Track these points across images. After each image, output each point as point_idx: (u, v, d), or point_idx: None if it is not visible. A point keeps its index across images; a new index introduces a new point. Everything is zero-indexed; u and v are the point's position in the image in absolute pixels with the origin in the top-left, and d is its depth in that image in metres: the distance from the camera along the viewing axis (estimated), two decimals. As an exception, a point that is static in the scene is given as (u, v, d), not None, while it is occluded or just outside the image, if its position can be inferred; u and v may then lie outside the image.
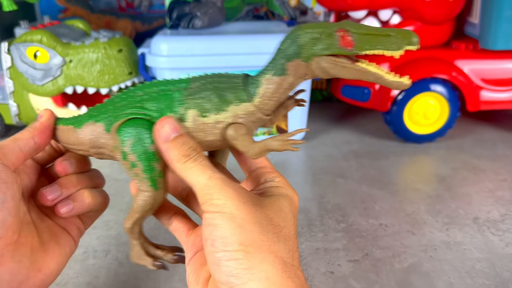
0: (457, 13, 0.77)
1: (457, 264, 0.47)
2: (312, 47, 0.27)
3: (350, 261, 0.48)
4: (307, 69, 0.28)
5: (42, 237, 0.32)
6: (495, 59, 0.76)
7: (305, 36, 0.27)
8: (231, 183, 0.28)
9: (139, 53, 0.77)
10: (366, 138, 0.84)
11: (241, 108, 0.29)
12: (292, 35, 0.28)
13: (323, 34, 0.27)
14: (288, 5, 1.05)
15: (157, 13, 1.07)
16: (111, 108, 0.31)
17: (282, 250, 0.26)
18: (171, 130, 0.29)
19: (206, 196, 0.27)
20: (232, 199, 0.26)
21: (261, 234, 0.26)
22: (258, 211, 0.27)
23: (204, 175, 0.27)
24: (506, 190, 0.63)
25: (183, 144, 0.29)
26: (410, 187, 0.65)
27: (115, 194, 0.63)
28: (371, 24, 0.76)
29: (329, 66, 0.27)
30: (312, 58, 0.28)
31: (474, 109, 0.77)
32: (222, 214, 0.26)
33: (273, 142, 0.29)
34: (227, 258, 0.25)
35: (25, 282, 0.29)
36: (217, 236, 0.26)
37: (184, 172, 0.28)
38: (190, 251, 0.32)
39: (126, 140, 0.30)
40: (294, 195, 0.31)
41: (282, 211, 0.29)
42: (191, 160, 0.28)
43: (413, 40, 0.26)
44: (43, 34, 0.75)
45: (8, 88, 0.79)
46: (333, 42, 0.27)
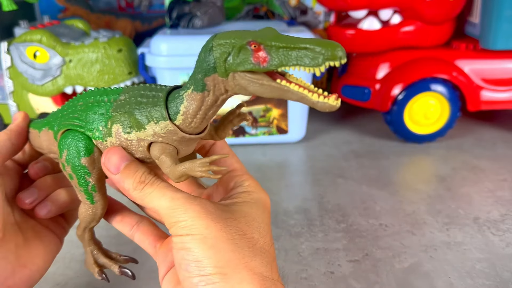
0: (457, 13, 0.77)
1: (457, 264, 0.47)
2: (224, 62, 0.24)
3: (350, 261, 0.48)
4: (226, 85, 0.25)
5: (26, 235, 0.32)
6: (496, 59, 0.76)
7: (218, 48, 0.24)
8: (195, 199, 0.26)
9: (139, 53, 0.76)
10: (366, 138, 0.84)
11: (160, 126, 0.27)
12: (207, 46, 0.25)
13: (234, 47, 0.24)
14: (288, 5, 1.04)
15: (156, 13, 1.07)
16: (60, 115, 0.31)
17: (259, 265, 0.25)
18: (119, 160, 0.27)
19: (172, 219, 0.26)
20: (199, 218, 0.25)
21: (235, 252, 0.25)
22: (229, 226, 0.26)
23: (165, 198, 0.26)
24: (506, 190, 0.63)
25: (135, 171, 0.27)
26: (410, 187, 0.65)
27: (115, 194, 0.63)
28: (372, 24, 0.76)
29: (246, 83, 0.24)
30: (228, 73, 0.24)
31: (475, 109, 0.77)
32: (192, 237, 0.25)
33: (193, 168, 0.26)
34: (204, 283, 0.24)
35: (10, 277, 0.30)
36: (190, 260, 0.25)
37: (143, 199, 0.27)
38: (162, 267, 0.31)
39: (62, 151, 0.29)
40: (266, 198, 0.29)
41: (255, 221, 0.27)
42: (148, 185, 0.27)
43: (337, 53, 0.22)
44: (42, 34, 0.74)
45: (8, 88, 0.78)
46: (246, 57, 0.23)
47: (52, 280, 0.45)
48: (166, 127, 0.27)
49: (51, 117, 0.32)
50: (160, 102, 0.27)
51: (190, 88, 0.26)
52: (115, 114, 0.28)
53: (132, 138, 0.28)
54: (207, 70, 0.25)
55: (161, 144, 0.27)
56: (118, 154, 0.28)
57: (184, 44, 0.73)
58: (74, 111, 0.30)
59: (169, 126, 0.27)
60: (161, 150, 0.27)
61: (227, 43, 0.24)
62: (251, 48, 0.23)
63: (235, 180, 0.31)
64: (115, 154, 0.28)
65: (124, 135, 0.28)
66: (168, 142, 0.27)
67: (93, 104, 0.29)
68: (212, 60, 0.24)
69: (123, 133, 0.28)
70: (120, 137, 0.28)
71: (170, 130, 0.27)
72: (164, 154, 0.27)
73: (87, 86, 0.77)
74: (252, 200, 0.28)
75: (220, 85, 0.25)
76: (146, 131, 0.27)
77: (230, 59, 0.24)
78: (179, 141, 0.27)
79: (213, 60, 0.24)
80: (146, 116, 0.27)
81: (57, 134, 0.30)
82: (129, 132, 0.27)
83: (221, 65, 0.24)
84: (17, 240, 0.31)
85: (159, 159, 0.27)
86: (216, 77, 0.25)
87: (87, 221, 0.32)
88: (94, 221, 0.32)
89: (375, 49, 0.79)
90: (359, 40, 0.78)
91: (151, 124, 0.27)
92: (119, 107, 0.28)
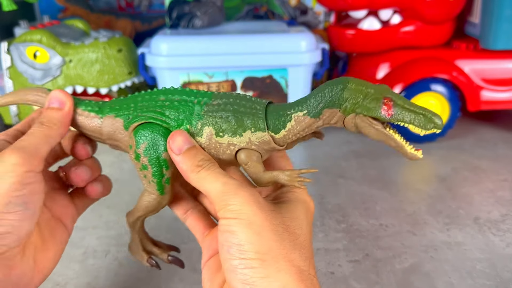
0: (457, 13, 0.77)
1: (457, 265, 0.47)
2: (355, 104, 0.28)
3: (350, 261, 0.48)
4: (339, 119, 0.29)
5: (42, 232, 0.31)
6: (496, 59, 0.76)
7: (352, 90, 0.28)
8: (246, 187, 0.27)
9: (139, 52, 0.76)
10: (366, 138, 0.83)
11: (256, 136, 0.30)
12: (339, 84, 0.28)
13: (368, 95, 0.28)
14: (288, 5, 1.04)
15: (157, 13, 1.07)
16: (132, 106, 0.31)
17: (298, 258, 0.26)
18: (183, 142, 0.29)
19: (222, 202, 0.27)
20: (248, 204, 0.26)
21: (277, 242, 0.26)
22: (274, 217, 0.27)
23: (218, 182, 0.27)
24: (507, 190, 0.63)
25: (195, 155, 0.29)
26: (411, 187, 0.65)
27: (115, 195, 0.62)
28: (371, 24, 0.76)
29: (363, 125, 0.28)
30: (350, 113, 0.28)
31: (475, 109, 0.77)
32: (239, 221, 0.26)
33: (283, 176, 0.29)
34: (243, 266, 0.25)
35: (29, 284, 0.29)
36: (233, 243, 0.26)
37: (198, 181, 0.28)
38: (206, 253, 0.32)
39: (141, 142, 0.30)
40: (310, 201, 0.31)
41: (298, 219, 0.28)
42: (204, 169, 0.28)
43: (438, 123, 0.28)
44: (42, 34, 0.74)
45: (8, 88, 0.78)
46: (376, 107, 0.28)
47: (52, 280, 0.45)
48: (262, 137, 0.30)
49: (116, 105, 0.32)
50: (261, 114, 0.30)
51: (302, 111, 0.29)
52: (207, 117, 0.30)
53: (223, 142, 0.30)
54: (331, 103, 0.28)
55: (250, 151, 0.30)
56: (183, 137, 0.29)
57: (184, 44, 0.73)
58: (154, 106, 0.31)
59: (265, 137, 0.30)
60: (251, 156, 0.30)
61: (362, 90, 0.28)
62: (383, 101, 0.27)
63: None
64: (180, 136, 0.29)
65: (216, 137, 0.30)
66: (257, 150, 0.30)
67: (180, 102, 0.31)
68: (341, 97, 0.28)
69: (215, 135, 0.30)
70: (211, 139, 0.30)
71: (265, 140, 0.30)
72: (253, 160, 0.30)
73: (87, 86, 0.77)
74: (297, 200, 0.30)
75: (334, 118, 0.29)
76: (242, 137, 0.30)
77: (363, 104, 0.28)
78: (267, 150, 0.30)
79: (342, 98, 0.28)
80: (244, 124, 0.29)
81: (131, 125, 0.31)
82: (221, 136, 0.30)
83: (351, 106, 0.28)
84: (36, 241, 0.30)
85: (247, 164, 0.30)
86: (335, 112, 0.28)
87: (148, 210, 0.32)
88: (155, 211, 0.33)
89: (375, 49, 0.79)
90: (359, 40, 0.78)
91: (247, 132, 0.30)
92: (212, 111, 0.30)
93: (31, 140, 0.28)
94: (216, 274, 0.30)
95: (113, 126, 0.32)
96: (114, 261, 0.49)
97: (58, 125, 0.30)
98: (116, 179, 0.68)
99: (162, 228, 0.54)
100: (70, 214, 0.34)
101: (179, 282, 0.45)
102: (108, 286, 0.45)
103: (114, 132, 0.32)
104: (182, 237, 0.52)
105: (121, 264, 0.48)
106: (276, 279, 0.25)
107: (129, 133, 0.31)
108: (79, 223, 0.56)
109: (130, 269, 0.47)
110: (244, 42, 0.74)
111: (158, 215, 0.57)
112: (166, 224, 0.55)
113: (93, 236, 0.53)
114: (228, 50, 0.73)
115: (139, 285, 0.45)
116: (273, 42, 0.74)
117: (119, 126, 0.32)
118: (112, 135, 0.32)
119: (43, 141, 0.29)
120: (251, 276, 0.25)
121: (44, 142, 0.29)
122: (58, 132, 0.30)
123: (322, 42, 0.81)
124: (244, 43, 0.74)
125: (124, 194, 0.63)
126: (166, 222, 0.55)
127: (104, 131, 0.32)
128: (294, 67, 0.75)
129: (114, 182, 0.37)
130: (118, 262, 0.48)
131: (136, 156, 0.31)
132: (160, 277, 0.46)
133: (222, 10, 0.90)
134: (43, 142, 0.29)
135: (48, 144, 0.29)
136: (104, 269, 0.47)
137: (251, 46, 0.73)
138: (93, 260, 0.49)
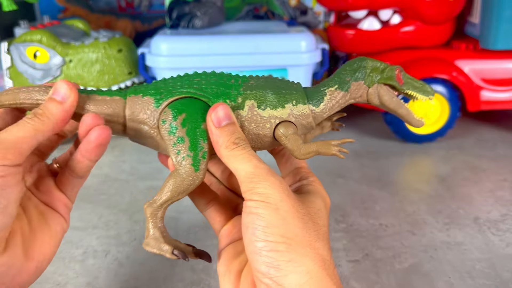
0: (457, 13, 0.77)
1: (457, 264, 0.47)
2: (377, 74, 0.32)
3: (350, 261, 0.48)
4: (364, 92, 0.32)
5: (30, 218, 0.30)
6: (496, 59, 0.76)
7: (371, 64, 0.32)
8: (275, 174, 0.28)
9: (139, 53, 0.76)
10: (366, 138, 0.84)
11: (297, 109, 0.31)
12: (359, 61, 0.32)
13: (387, 68, 0.32)
14: (288, 5, 1.04)
15: (157, 13, 1.07)
16: (163, 86, 0.31)
17: (321, 247, 0.27)
18: (224, 116, 0.29)
19: (250, 184, 0.27)
20: (277, 190, 0.26)
21: (303, 229, 0.26)
22: (300, 206, 0.27)
23: (250, 163, 0.27)
24: (507, 190, 0.63)
25: (233, 132, 0.29)
26: (411, 187, 0.65)
27: (115, 194, 0.63)
28: (372, 24, 0.77)
29: (384, 93, 0.32)
30: (373, 83, 0.32)
31: (475, 109, 0.77)
32: (266, 204, 0.26)
33: (323, 146, 0.31)
34: (269, 249, 0.25)
35: (18, 274, 0.28)
36: (259, 225, 0.26)
37: (230, 158, 0.28)
38: (224, 241, 0.32)
39: (178, 114, 0.30)
40: (327, 197, 0.31)
41: (320, 211, 0.29)
42: (239, 148, 0.28)
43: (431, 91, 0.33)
44: (42, 34, 0.74)
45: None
46: (393, 75, 0.32)
47: (52, 280, 0.45)
48: (302, 110, 0.31)
49: (140, 87, 0.32)
50: (300, 89, 0.32)
51: (333, 86, 0.32)
52: (248, 92, 0.31)
53: (265, 115, 0.31)
54: (357, 77, 0.32)
55: (288, 124, 0.31)
56: (225, 110, 0.29)
57: (184, 44, 0.73)
58: (190, 84, 0.31)
59: (305, 110, 0.31)
60: (289, 128, 0.31)
61: (379, 63, 0.32)
62: (396, 71, 0.32)
63: (301, 174, 0.33)
64: (223, 109, 0.29)
65: (258, 109, 0.31)
66: (295, 123, 0.31)
67: (217, 81, 0.31)
68: (364, 71, 0.32)
69: (257, 108, 0.31)
70: (253, 111, 0.31)
71: (305, 113, 0.31)
72: (292, 132, 0.31)
73: (87, 86, 0.77)
74: (317, 193, 0.31)
75: (359, 91, 0.32)
76: (283, 110, 0.31)
77: (382, 74, 0.32)
78: (303, 126, 0.32)
79: (365, 72, 0.32)
80: (285, 98, 0.31)
81: (166, 100, 0.31)
82: (263, 109, 0.31)
83: (373, 77, 0.32)
84: (23, 229, 0.29)
85: (287, 137, 0.30)
86: (361, 84, 0.32)
87: (178, 191, 0.30)
88: (185, 192, 0.30)
89: (375, 49, 0.79)
90: (359, 40, 0.78)
91: (289, 105, 0.31)
92: (251, 88, 0.31)
93: (16, 132, 0.27)
94: (234, 260, 0.30)
95: (139, 106, 0.31)
96: (114, 261, 0.49)
97: (53, 121, 0.28)
98: (116, 179, 0.68)
99: (169, 226, 0.54)
100: (61, 200, 0.32)
101: (179, 282, 0.45)
102: (108, 286, 0.45)
103: (140, 112, 0.31)
104: (182, 237, 0.52)
105: (121, 264, 0.48)
106: (301, 263, 0.25)
107: (162, 109, 0.31)
108: (79, 223, 0.57)
109: (130, 269, 0.47)
110: (244, 42, 0.74)
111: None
112: (166, 224, 0.54)
113: (93, 236, 0.53)
114: (228, 50, 0.73)
115: (139, 285, 0.45)
116: (273, 42, 0.74)
117: (147, 105, 0.31)
118: (136, 116, 0.31)
119: (29, 135, 0.27)
120: (276, 259, 0.25)
121: (31, 136, 0.27)
122: (51, 128, 0.28)
123: (322, 42, 0.81)
124: (244, 43, 0.74)
125: (124, 194, 0.63)
126: (165, 222, 0.55)
127: (128, 113, 0.31)
128: (294, 67, 0.75)
129: (114, 182, 0.37)
130: (118, 262, 0.48)
131: (170, 130, 0.30)
132: (160, 277, 0.46)
133: (222, 10, 0.90)
134: (30, 137, 0.27)
135: (35, 139, 0.27)
136: (104, 269, 0.47)
137: (251, 46, 0.73)
138: (93, 260, 0.49)
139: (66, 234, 0.34)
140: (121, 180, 0.67)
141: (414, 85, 0.33)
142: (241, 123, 0.31)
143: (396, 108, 0.33)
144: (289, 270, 0.25)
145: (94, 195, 0.62)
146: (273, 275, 0.25)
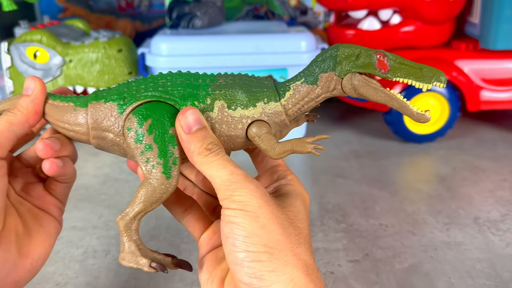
0: (457, 13, 0.77)
1: (457, 264, 0.47)
2: (349, 62, 0.28)
3: (350, 261, 0.48)
4: (337, 84, 0.29)
5: (25, 220, 0.30)
6: (496, 59, 0.76)
7: (344, 52, 0.28)
8: (252, 179, 0.27)
9: (139, 53, 0.76)
10: (366, 138, 0.84)
11: (269, 107, 0.30)
12: (331, 49, 0.29)
13: (363, 52, 0.28)
14: (288, 5, 1.04)
15: (157, 13, 1.07)
16: (126, 91, 0.30)
17: (303, 252, 0.26)
18: (194, 121, 0.28)
19: (227, 192, 0.26)
20: (255, 196, 0.26)
21: (284, 236, 0.26)
22: (279, 211, 0.27)
23: (225, 170, 0.26)
24: (507, 190, 0.63)
25: (205, 137, 0.28)
26: (411, 187, 0.65)
27: (115, 194, 0.63)
28: (372, 24, 0.76)
29: (360, 84, 0.28)
30: (346, 73, 0.28)
31: (475, 109, 0.77)
32: (245, 213, 0.25)
33: (298, 144, 0.29)
34: (251, 259, 0.25)
35: (13, 270, 0.29)
36: (239, 235, 0.25)
37: (204, 165, 0.27)
38: (204, 248, 0.32)
39: (144, 120, 0.28)
40: (306, 194, 0.31)
41: (300, 213, 0.28)
42: (213, 154, 0.27)
43: (442, 78, 0.28)
44: (43, 34, 0.74)
45: (8, 88, 0.78)
46: (371, 62, 0.28)
47: (52, 280, 0.45)
48: (275, 108, 0.30)
49: (102, 93, 0.30)
50: (271, 86, 0.30)
51: (299, 80, 0.29)
52: (217, 92, 0.29)
53: (236, 115, 0.29)
54: (325, 67, 0.28)
55: (261, 123, 0.30)
56: (194, 115, 0.28)
57: (184, 44, 0.73)
58: (155, 86, 0.29)
59: (278, 108, 0.30)
60: (264, 128, 0.29)
61: (356, 48, 0.28)
62: (377, 56, 0.28)
63: (278, 173, 0.32)
64: (193, 114, 0.28)
65: (228, 110, 0.29)
66: (268, 122, 0.30)
67: (184, 82, 0.30)
68: (334, 60, 0.28)
69: (227, 108, 0.29)
70: (224, 112, 0.29)
71: (277, 111, 0.30)
72: (267, 132, 0.29)
73: (87, 86, 0.77)
74: (296, 193, 0.30)
75: (331, 82, 0.29)
76: (255, 109, 0.29)
77: (356, 62, 0.28)
78: (277, 124, 0.30)
79: (336, 61, 0.28)
80: (256, 96, 0.29)
81: (130, 106, 0.29)
82: (234, 109, 0.29)
83: (344, 65, 0.28)
84: (17, 228, 0.29)
85: (260, 137, 0.29)
86: (331, 75, 0.28)
87: (151, 201, 0.28)
88: (158, 202, 0.29)
89: (375, 49, 0.79)
90: (359, 40, 0.78)
91: (260, 104, 0.29)
92: (220, 87, 0.29)
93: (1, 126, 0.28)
94: (216, 267, 0.30)
95: (101, 112, 0.29)
96: (114, 261, 0.49)
97: (24, 112, 0.29)
98: (116, 179, 0.68)
99: (162, 228, 0.54)
100: (53, 203, 0.33)
101: (179, 282, 0.45)
102: (108, 286, 0.45)
103: (103, 120, 0.29)
104: (182, 237, 0.52)
105: (121, 264, 0.48)
106: (284, 272, 0.25)
107: (126, 115, 0.29)
108: (79, 223, 0.57)
109: (130, 269, 0.47)
110: (244, 42, 0.74)
111: (157, 215, 0.57)
112: (166, 224, 0.55)
113: (93, 236, 0.53)
114: (228, 50, 0.73)
115: (139, 285, 0.45)
116: (273, 42, 0.74)
117: (110, 112, 0.29)
118: (99, 124, 0.29)
119: (4, 128, 0.28)
120: (258, 269, 0.24)
121: (7, 129, 0.28)
122: (24, 119, 0.29)
123: (322, 42, 0.81)
124: (244, 43, 0.74)
125: (124, 194, 0.63)
126: (165, 222, 0.55)
127: (90, 121, 0.29)
128: (294, 67, 0.75)
129: (114, 182, 0.37)
130: (118, 262, 0.48)
131: (137, 137, 0.28)
132: (160, 277, 0.46)
133: (222, 10, 0.90)
134: (6, 130, 0.28)
135: (12, 132, 0.28)
136: (104, 269, 0.47)
137: (251, 46, 0.73)
138: (93, 260, 0.49)
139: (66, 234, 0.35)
140: (122, 180, 0.67)
141: (408, 71, 0.28)
142: (212, 125, 0.29)
143: (383, 101, 0.29)
144: (272, 280, 0.24)
145: (94, 195, 0.62)
146: (256, 285, 0.24)
